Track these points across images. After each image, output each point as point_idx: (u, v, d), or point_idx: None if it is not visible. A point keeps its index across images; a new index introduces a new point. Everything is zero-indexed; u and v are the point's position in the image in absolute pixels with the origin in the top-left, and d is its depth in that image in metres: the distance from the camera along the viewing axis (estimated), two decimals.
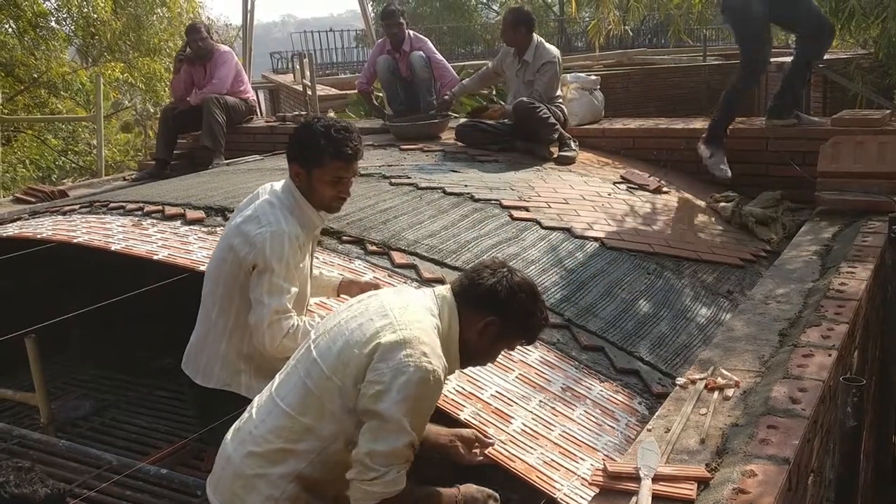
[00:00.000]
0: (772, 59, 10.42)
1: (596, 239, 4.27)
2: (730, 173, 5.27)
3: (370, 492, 2.04)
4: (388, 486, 2.03)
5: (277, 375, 2.29)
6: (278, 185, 2.82)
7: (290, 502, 2.12)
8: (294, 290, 2.67)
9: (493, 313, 2.17)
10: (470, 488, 2.28)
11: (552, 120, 5.58)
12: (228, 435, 2.27)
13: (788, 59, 6.32)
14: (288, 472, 2.11)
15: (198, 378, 2.87)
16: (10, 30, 12.99)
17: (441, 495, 2.21)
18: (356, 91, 7.94)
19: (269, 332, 2.61)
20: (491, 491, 2.32)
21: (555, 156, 5.60)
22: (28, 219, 4.97)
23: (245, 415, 2.27)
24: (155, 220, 4.21)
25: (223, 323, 2.78)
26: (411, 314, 2.12)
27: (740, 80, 5.50)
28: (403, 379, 1.99)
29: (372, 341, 2.06)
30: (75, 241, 3.95)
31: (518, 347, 3.16)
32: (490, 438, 2.50)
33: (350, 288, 3.00)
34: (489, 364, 2.53)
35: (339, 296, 3.02)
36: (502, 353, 2.34)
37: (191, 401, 3.14)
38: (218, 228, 4.02)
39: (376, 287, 2.91)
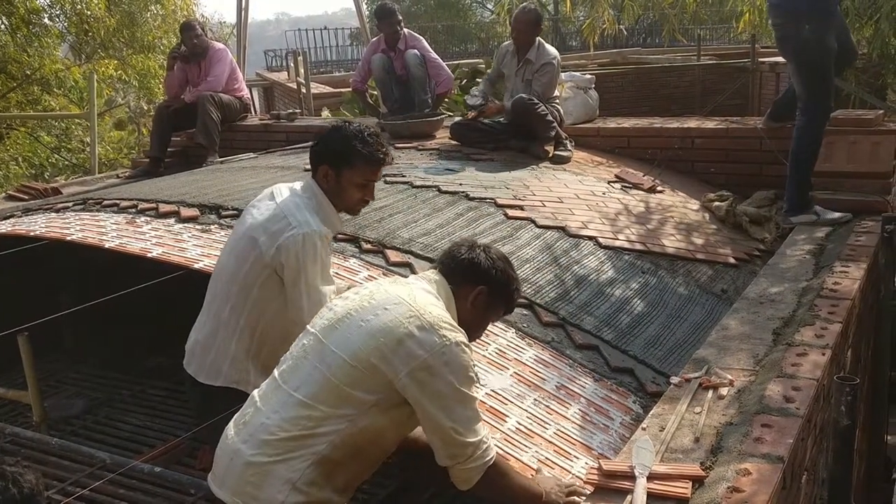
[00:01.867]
0: (764, 60, 10.47)
1: (590, 238, 4.27)
2: (843, 215, 4.64)
3: (475, 468, 2.14)
4: (485, 454, 2.15)
5: (276, 369, 2.30)
6: (297, 185, 2.82)
7: (307, 486, 2.13)
8: (330, 288, 2.69)
9: (480, 283, 2.36)
10: (548, 482, 2.39)
11: (550, 117, 5.58)
12: (230, 431, 2.26)
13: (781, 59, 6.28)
14: (307, 454, 2.13)
15: (201, 376, 2.84)
16: (2, 26, 12.93)
17: (532, 486, 2.31)
18: (351, 89, 7.94)
19: None
20: (570, 482, 2.43)
21: (550, 155, 5.60)
22: (21, 216, 4.95)
23: (248, 409, 2.27)
24: (149, 218, 4.19)
25: (235, 321, 2.76)
26: (422, 299, 2.22)
27: (803, 132, 4.71)
28: (447, 358, 2.11)
29: (397, 330, 2.13)
30: (69, 238, 3.93)
31: (514, 346, 3.19)
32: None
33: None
34: (480, 348, 2.54)
35: None
36: (496, 352, 2.37)
37: (192, 400, 3.10)
38: (212, 226, 4.01)
39: None
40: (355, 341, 2.16)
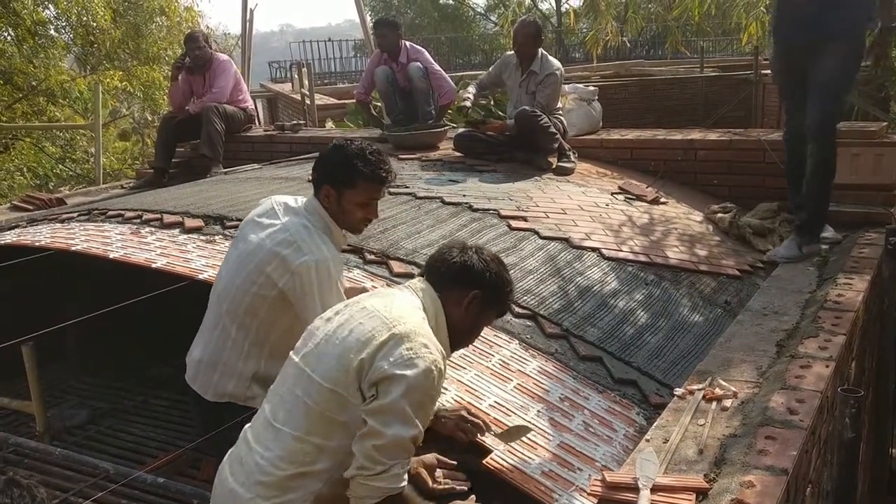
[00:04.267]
0: (767, 72, 10.46)
1: (594, 249, 4.27)
2: (836, 235, 4.57)
3: (375, 487, 2.01)
4: (392, 480, 2.02)
5: (266, 402, 2.22)
6: (298, 201, 2.80)
7: None
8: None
9: (473, 287, 2.27)
10: None
11: (553, 129, 5.59)
12: (226, 469, 2.18)
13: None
14: (305, 494, 2.06)
15: (208, 394, 2.81)
16: (8, 38, 12.99)
17: None
18: (354, 101, 7.97)
19: None
20: None
21: (553, 166, 5.61)
22: (26, 226, 4.97)
23: (241, 448, 2.18)
24: (153, 229, 4.21)
25: (242, 340, 2.74)
26: (398, 310, 2.14)
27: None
28: (407, 372, 2.00)
29: (369, 343, 2.05)
30: (73, 248, 3.95)
31: (517, 357, 3.18)
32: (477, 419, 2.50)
33: (351, 295, 2.98)
34: (476, 366, 2.51)
35: None
36: (500, 364, 2.35)
37: (196, 413, 3.07)
38: (217, 237, 4.02)
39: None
40: (329, 362, 2.08)
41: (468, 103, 6.00)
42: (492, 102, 8.39)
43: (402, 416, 2.00)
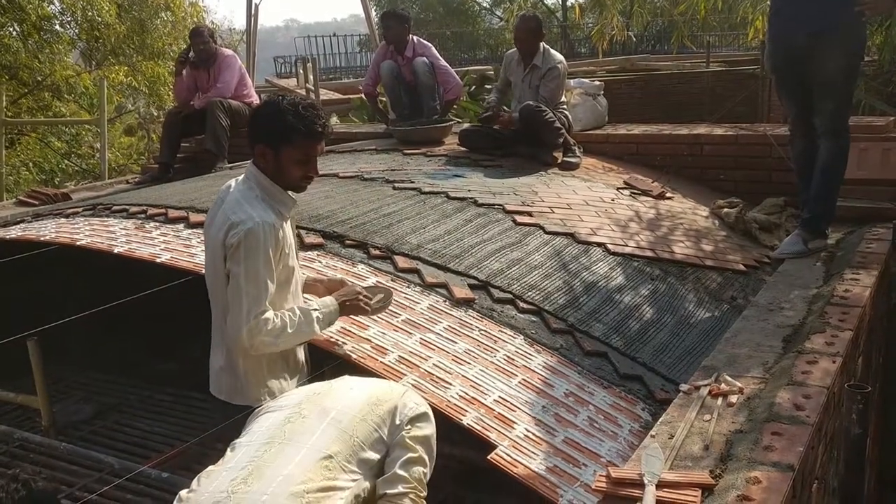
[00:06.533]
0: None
1: (599, 244, 4.26)
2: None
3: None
4: None
5: (252, 455, 2.01)
6: (238, 178, 2.74)
7: None
8: (271, 285, 2.57)
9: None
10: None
11: (557, 124, 5.58)
12: None
13: None
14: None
15: (237, 400, 2.70)
16: (14, 33, 13.01)
17: None
18: (360, 95, 7.95)
19: (248, 332, 2.52)
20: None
21: (559, 161, 5.60)
22: (31, 221, 4.97)
23: (236, 475, 1.93)
24: (158, 224, 4.20)
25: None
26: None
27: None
28: (427, 416, 2.24)
29: (392, 390, 2.27)
30: (78, 243, 3.94)
31: (522, 353, 3.19)
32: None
33: (316, 287, 2.95)
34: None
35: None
36: (504, 359, 2.37)
37: (220, 419, 2.96)
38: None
39: (341, 283, 2.95)
40: (354, 399, 2.17)
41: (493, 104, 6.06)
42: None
43: (433, 452, 2.21)
